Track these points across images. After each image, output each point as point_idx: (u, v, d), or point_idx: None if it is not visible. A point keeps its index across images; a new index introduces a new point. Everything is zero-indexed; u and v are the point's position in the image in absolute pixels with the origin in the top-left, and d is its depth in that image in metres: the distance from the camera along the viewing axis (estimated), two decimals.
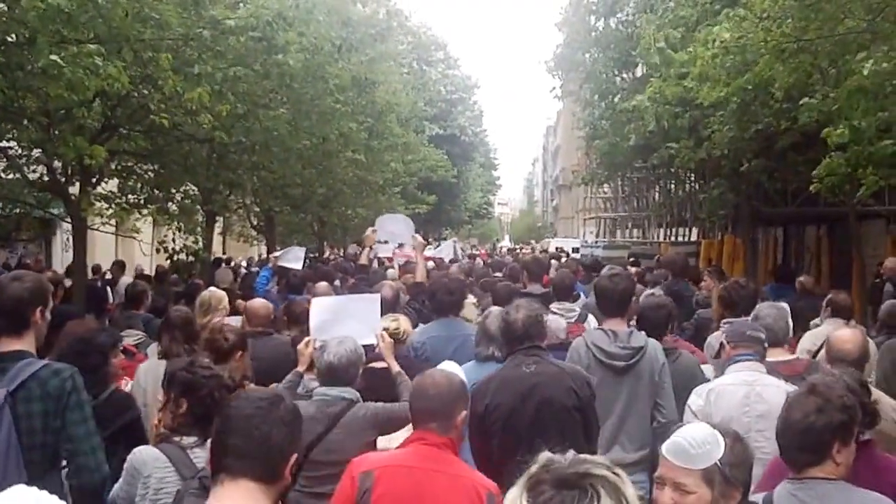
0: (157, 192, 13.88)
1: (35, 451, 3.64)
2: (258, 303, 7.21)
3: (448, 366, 4.24)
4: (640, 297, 7.12)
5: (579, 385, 4.40)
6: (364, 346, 4.83)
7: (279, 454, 2.55)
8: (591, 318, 7.23)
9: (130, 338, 6.84)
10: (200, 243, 14.48)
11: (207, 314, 6.90)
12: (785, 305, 5.60)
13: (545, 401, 4.33)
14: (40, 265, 17.37)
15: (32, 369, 3.67)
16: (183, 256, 13.54)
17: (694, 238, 24.27)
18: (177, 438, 3.75)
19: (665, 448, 2.72)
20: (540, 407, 4.32)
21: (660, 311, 6.05)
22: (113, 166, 13.20)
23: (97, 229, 13.70)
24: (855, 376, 3.86)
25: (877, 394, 4.26)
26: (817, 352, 5.91)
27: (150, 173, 13.68)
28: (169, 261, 13.85)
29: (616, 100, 17.48)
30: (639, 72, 17.58)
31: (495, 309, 5.61)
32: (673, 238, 24.96)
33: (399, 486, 3.38)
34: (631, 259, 16.44)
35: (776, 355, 5.11)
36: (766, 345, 4.78)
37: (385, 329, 5.41)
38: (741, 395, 4.47)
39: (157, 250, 14.11)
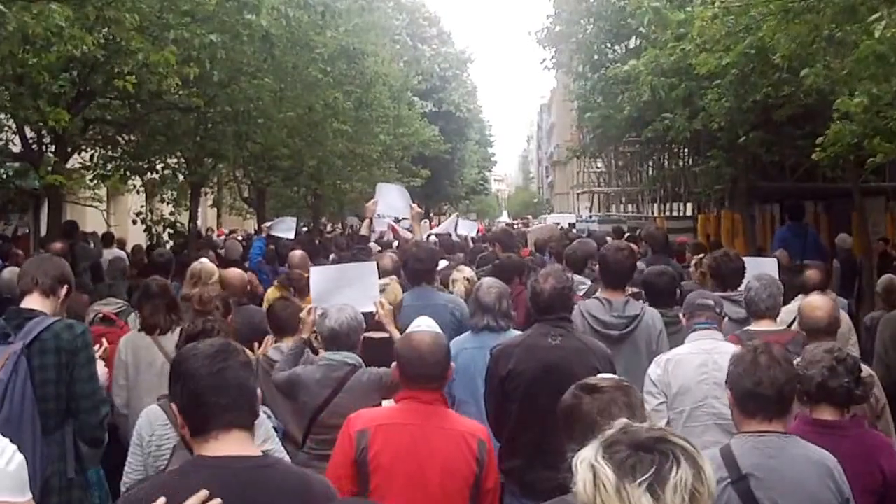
0: (138, 162, 13.55)
1: (49, 402, 3.79)
2: (233, 272, 7.28)
3: (424, 321, 4.19)
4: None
5: (603, 364, 4.32)
6: (363, 313, 4.94)
7: (255, 397, 2.56)
8: (600, 293, 7.23)
9: (111, 306, 6.66)
10: (180, 216, 14.14)
11: (196, 286, 6.70)
12: (773, 277, 5.58)
13: (568, 376, 4.10)
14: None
15: (46, 323, 3.85)
16: (160, 229, 13.15)
17: (689, 213, 24.04)
18: None
19: None
20: (562, 380, 4.02)
21: (662, 277, 6.20)
22: (91, 135, 12.94)
23: (74, 201, 13.42)
24: (844, 354, 3.86)
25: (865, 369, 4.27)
26: (790, 324, 5.85)
27: (130, 143, 13.36)
28: (146, 233, 13.47)
29: (609, 72, 17.06)
30: (632, 44, 17.15)
31: (486, 280, 5.62)
32: (668, 213, 24.68)
33: (394, 442, 3.51)
34: (627, 234, 16.12)
35: (761, 325, 5.15)
36: (717, 310, 4.81)
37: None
38: (698, 362, 4.51)
39: (134, 222, 13.71)
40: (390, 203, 9.37)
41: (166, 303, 5.61)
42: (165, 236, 12.64)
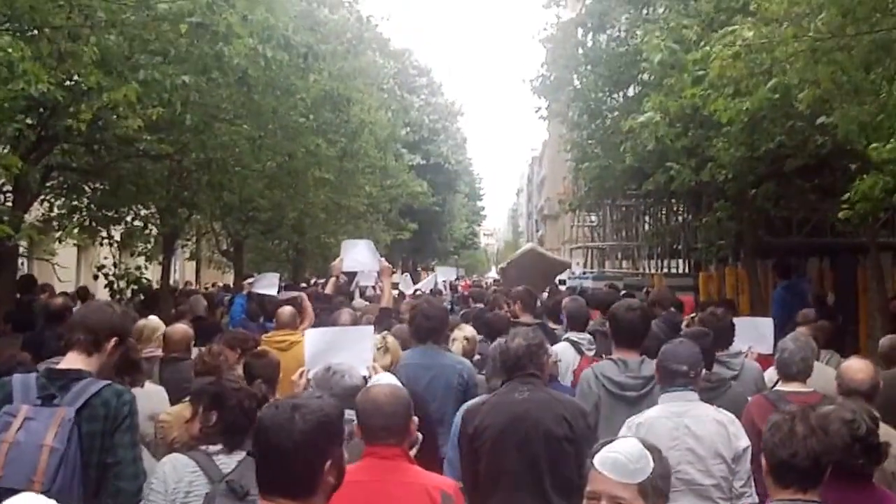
0: (105, 212, 12.63)
1: (91, 470, 3.70)
2: (176, 328, 7.19)
3: (385, 377, 4.35)
4: None
5: (573, 416, 4.41)
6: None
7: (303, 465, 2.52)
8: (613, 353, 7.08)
9: None
10: (148, 270, 13.20)
11: (139, 343, 6.50)
12: (809, 340, 5.58)
13: (534, 425, 4.35)
14: None
15: (95, 388, 3.75)
16: (123, 284, 12.16)
17: (682, 270, 23.26)
18: (202, 447, 3.88)
19: (600, 462, 2.73)
20: (529, 431, 4.35)
21: (705, 339, 5.82)
22: (55, 184, 12.08)
23: (33, 256, 12.53)
24: (865, 409, 3.85)
25: (886, 432, 4.21)
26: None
27: (97, 192, 12.47)
28: (108, 288, 12.48)
29: (608, 121, 16.30)
30: (630, 91, 16.44)
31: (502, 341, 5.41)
32: (666, 270, 23.84)
33: (352, 500, 3.31)
34: (623, 292, 15.23)
35: (791, 387, 5.21)
36: (692, 373, 4.63)
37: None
38: (670, 426, 4.44)
39: (95, 277, 12.74)
40: (356, 258, 8.98)
41: (122, 363, 5.14)
42: (129, 292, 11.66)
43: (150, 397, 5.45)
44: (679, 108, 10.13)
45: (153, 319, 7.36)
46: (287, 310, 8.54)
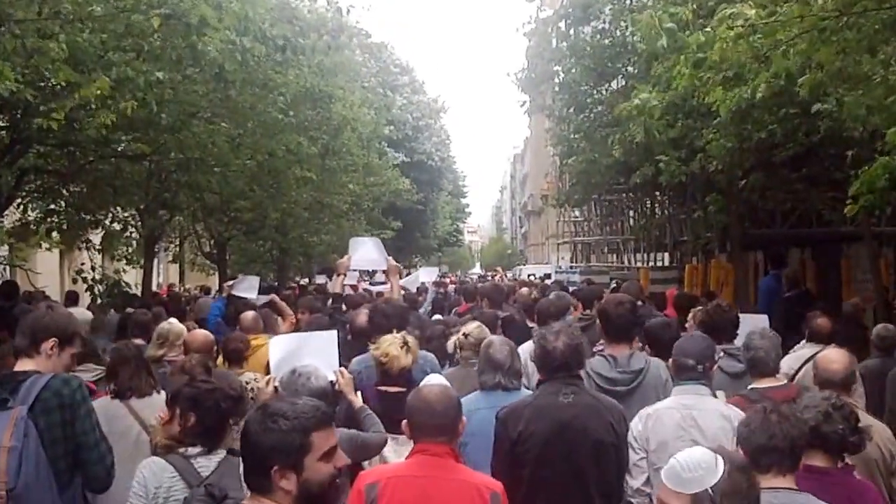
0: (83, 215, 12.35)
1: (60, 461, 3.79)
2: (198, 334, 6.97)
3: (435, 378, 4.48)
4: None
5: (617, 420, 4.41)
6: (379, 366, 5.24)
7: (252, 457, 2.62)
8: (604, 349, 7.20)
9: (88, 373, 5.91)
10: (126, 273, 12.91)
11: (163, 348, 6.78)
12: (774, 334, 5.51)
13: (584, 434, 4.30)
14: None
15: (42, 382, 3.81)
16: (101, 288, 11.86)
17: (668, 263, 23.13)
18: (181, 449, 3.87)
19: (663, 472, 2.72)
20: (578, 439, 4.29)
21: (667, 330, 6.10)
22: (33, 187, 11.79)
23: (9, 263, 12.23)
24: (841, 401, 3.95)
25: (868, 420, 4.42)
26: (794, 375, 6.01)
27: (74, 195, 12.18)
28: (88, 292, 12.18)
29: (593, 114, 16.07)
30: (616, 84, 16.22)
31: (496, 338, 5.55)
32: (652, 263, 23.67)
33: (404, 494, 3.51)
34: (613, 285, 15.05)
35: (764, 383, 5.17)
36: (700, 368, 4.66)
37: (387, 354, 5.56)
38: (677, 418, 4.48)
39: (74, 280, 12.44)
40: (364, 256, 8.75)
41: (143, 367, 5.44)
42: (107, 297, 11.37)
43: (159, 406, 5.14)
44: (668, 98, 9.93)
45: (176, 324, 7.20)
46: (249, 315, 8.41)
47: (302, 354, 5.31)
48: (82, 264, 13.22)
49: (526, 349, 5.98)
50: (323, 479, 2.62)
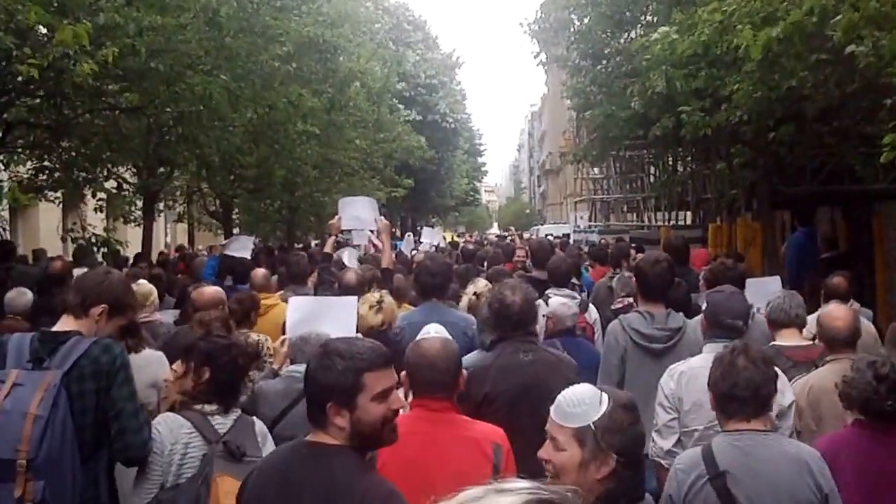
0: (78, 172, 11.79)
1: (87, 431, 3.65)
2: (204, 290, 6.71)
3: (433, 328, 4.30)
4: None
5: (573, 375, 4.25)
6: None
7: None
8: (591, 308, 7.35)
9: None
10: (112, 231, 12.40)
11: None
12: (795, 294, 5.50)
13: (546, 391, 3.84)
14: None
15: (82, 347, 3.68)
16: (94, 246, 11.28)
17: (690, 222, 22.46)
18: (197, 406, 3.83)
19: (552, 405, 2.78)
20: (542, 398, 3.85)
21: (679, 289, 6.02)
22: (23, 143, 11.23)
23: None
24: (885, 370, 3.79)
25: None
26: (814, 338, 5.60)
27: (67, 151, 11.61)
28: (75, 252, 11.64)
29: (610, 65, 15.32)
30: (633, 34, 15.46)
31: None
32: (674, 222, 22.96)
33: (403, 451, 3.29)
34: (633, 246, 14.44)
35: (788, 338, 5.10)
36: (743, 328, 4.55)
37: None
38: None
39: (63, 239, 11.92)
40: (355, 216, 8.45)
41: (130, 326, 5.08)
42: (99, 256, 10.86)
43: (150, 363, 5.18)
44: (690, 45, 9.24)
45: (144, 284, 6.93)
46: (260, 272, 8.34)
47: (320, 318, 5.24)
48: (73, 223, 12.70)
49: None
50: (374, 419, 2.70)
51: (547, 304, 6.29)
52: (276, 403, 4.50)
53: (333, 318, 5.29)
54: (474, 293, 6.63)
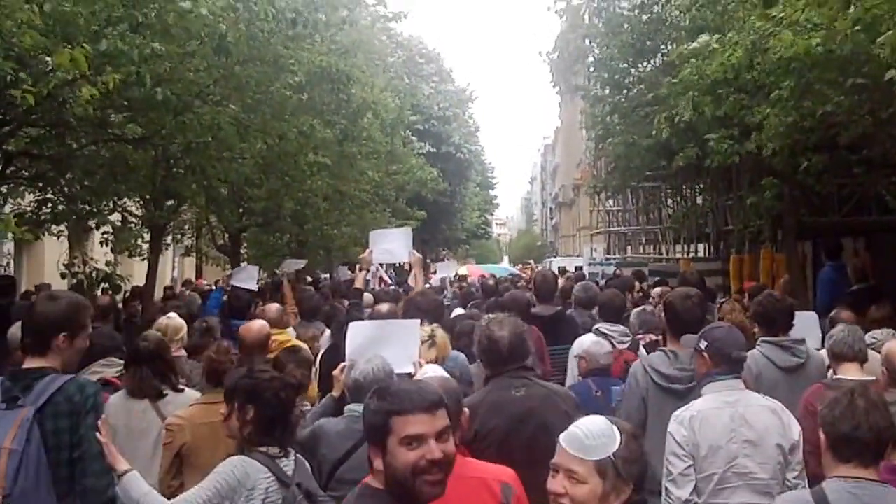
0: (80, 205, 11.40)
1: (62, 468, 3.65)
2: (251, 326, 6.59)
3: (431, 368, 4.30)
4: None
5: (572, 408, 4.28)
6: (401, 374, 4.74)
7: None
8: (642, 349, 6.95)
9: (112, 367, 5.77)
10: (115, 265, 11.99)
11: None
12: (857, 327, 5.40)
13: (541, 426, 4.17)
14: None
15: (58, 384, 3.70)
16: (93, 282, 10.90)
17: (709, 254, 22.00)
18: (262, 449, 3.79)
19: (562, 437, 2.79)
20: (536, 432, 4.19)
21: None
22: (28, 174, 10.89)
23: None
24: None
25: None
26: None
27: (70, 183, 11.24)
28: (76, 287, 11.25)
29: (632, 93, 14.94)
30: (655, 63, 15.11)
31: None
32: (693, 254, 22.48)
33: None
34: (657, 280, 13.96)
35: (850, 372, 5.02)
36: (745, 361, 4.55)
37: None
38: (726, 419, 4.26)
39: (63, 275, 11.52)
40: (387, 249, 8.22)
41: (163, 365, 5.30)
42: (99, 291, 10.46)
43: (188, 404, 5.16)
44: (720, 68, 8.83)
45: (175, 318, 7.04)
46: (273, 307, 8.12)
47: (380, 343, 5.12)
48: (75, 257, 12.32)
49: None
50: (403, 465, 2.62)
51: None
52: (338, 444, 4.37)
53: (395, 342, 5.17)
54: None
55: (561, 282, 12.58)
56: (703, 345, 4.52)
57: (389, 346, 5.07)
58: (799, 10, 6.52)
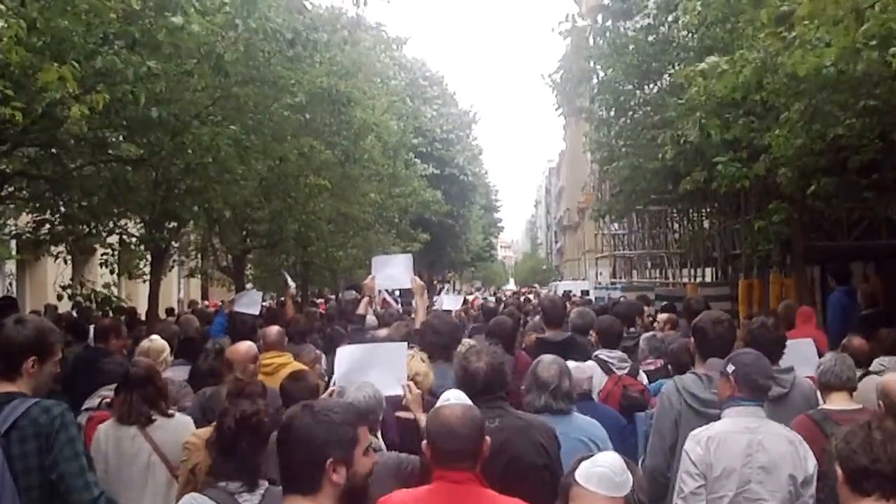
0: (78, 226, 11.23)
1: (32, 492, 3.63)
2: (241, 347, 6.33)
3: (453, 394, 3.92)
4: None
5: (548, 441, 4.25)
6: (390, 397, 4.85)
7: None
8: (642, 374, 7.12)
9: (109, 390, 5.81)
10: (113, 287, 11.81)
11: None
12: (846, 356, 5.36)
13: (514, 459, 4.15)
14: None
15: (23, 408, 3.66)
16: (90, 303, 10.69)
17: (716, 278, 21.75)
18: (222, 483, 3.70)
19: (585, 479, 2.73)
20: (508, 465, 4.12)
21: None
22: (25, 195, 10.74)
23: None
24: None
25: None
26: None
27: (69, 204, 11.07)
28: (74, 310, 11.08)
29: (637, 116, 14.77)
30: (658, 85, 14.94)
31: (546, 356, 5.20)
32: (700, 278, 22.22)
33: None
34: (664, 305, 13.71)
35: (838, 402, 5.03)
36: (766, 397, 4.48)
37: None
38: (744, 444, 4.24)
39: (59, 297, 11.33)
40: (389, 275, 8.15)
41: (153, 390, 5.19)
42: (100, 313, 10.28)
43: (178, 430, 5.16)
44: (727, 87, 8.64)
45: (157, 340, 6.98)
46: (274, 329, 7.72)
47: (369, 366, 5.12)
48: (71, 278, 12.14)
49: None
50: (366, 472, 2.71)
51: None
52: None
53: (383, 365, 5.15)
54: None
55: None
56: (730, 369, 4.45)
57: (377, 370, 5.05)
58: (812, 29, 6.31)
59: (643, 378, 7.14)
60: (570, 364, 6.11)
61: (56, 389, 5.70)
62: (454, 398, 3.93)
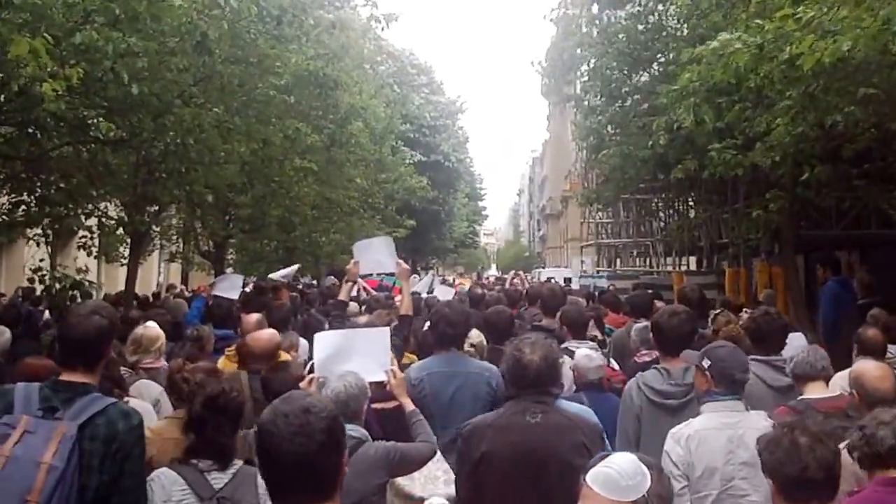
0: (55, 208, 10.95)
1: (87, 492, 3.40)
2: (263, 335, 6.24)
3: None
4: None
5: (591, 440, 4.08)
6: (374, 383, 4.77)
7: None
8: (613, 363, 7.03)
9: None
10: (85, 271, 11.54)
11: (137, 353, 6.26)
12: (817, 346, 5.38)
13: (550, 457, 4.02)
14: None
15: (101, 405, 3.49)
16: (58, 286, 10.39)
17: (701, 267, 21.70)
18: (194, 461, 3.74)
19: (592, 478, 2.61)
20: (543, 463, 4.02)
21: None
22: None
23: None
24: None
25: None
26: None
27: (46, 185, 10.79)
28: (45, 293, 10.78)
29: (627, 104, 14.59)
30: (650, 73, 14.76)
31: (582, 350, 5.49)
32: (685, 267, 22.15)
33: None
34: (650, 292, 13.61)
35: (816, 391, 4.99)
36: (742, 390, 4.34)
37: None
38: (724, 440, 4.15)
39: (31, 280, 11.03)
40: (373, 259, 7.81)
41: (109, 381, 4.84)
42: (68, 297, 10.01)
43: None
44: (724, 72, 8.44)
45: (152, 327, 6.65)
46: (254, 317, 7.58)
47: (350, 353, 5.00)
48: (41, 261, 11.86)
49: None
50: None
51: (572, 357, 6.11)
52: None
53: (365, 352, 5.04)
54: (471, 345, 6.43)
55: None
56: (705, 363, 4.36)
57: (358, 356, 4.96)
58: (826, 10, 6.09)
59: (615, 366, 7.01)
60: (582, 352, 6.18)
61: None
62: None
